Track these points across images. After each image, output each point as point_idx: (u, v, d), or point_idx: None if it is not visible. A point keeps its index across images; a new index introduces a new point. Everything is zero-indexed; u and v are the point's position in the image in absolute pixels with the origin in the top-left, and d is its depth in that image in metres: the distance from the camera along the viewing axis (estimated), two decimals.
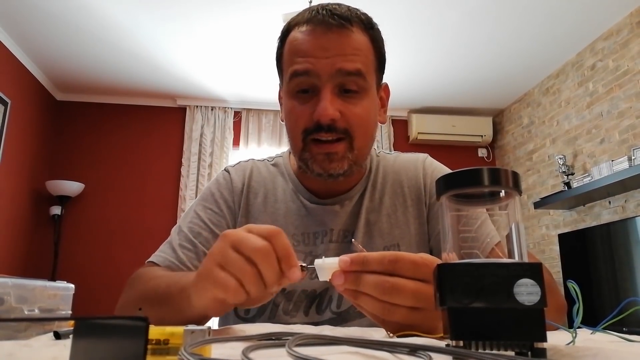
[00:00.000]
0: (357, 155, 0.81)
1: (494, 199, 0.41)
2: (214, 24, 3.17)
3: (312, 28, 0.79)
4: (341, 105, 0.78)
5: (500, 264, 0.36)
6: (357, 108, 0.79)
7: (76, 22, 3.15)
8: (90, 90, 4.17)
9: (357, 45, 0.79)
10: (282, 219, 0.88)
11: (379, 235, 0.86)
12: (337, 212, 0.88)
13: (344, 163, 0.80)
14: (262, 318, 0.83)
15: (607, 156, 3.15)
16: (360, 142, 0.81)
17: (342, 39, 0.78)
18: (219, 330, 0.58)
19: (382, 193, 0.90)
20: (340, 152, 0.79)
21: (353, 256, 0.51)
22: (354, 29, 0.79)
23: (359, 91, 0.79)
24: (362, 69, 0.79)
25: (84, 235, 3.98)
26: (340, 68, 0.77)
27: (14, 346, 0.38)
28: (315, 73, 0.77)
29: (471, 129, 4.42)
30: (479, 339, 0.34)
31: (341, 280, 0.51)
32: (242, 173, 0.93)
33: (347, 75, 0.78)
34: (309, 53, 0.78)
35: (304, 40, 0.79)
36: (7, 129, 3.42)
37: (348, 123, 0.78)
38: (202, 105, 4.29)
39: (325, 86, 0.77)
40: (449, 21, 3.11)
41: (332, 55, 0.77)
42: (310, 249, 0.86)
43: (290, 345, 0.32)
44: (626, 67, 3.04)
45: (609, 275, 2.92)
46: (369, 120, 0.82)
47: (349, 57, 0.78)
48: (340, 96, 0.79)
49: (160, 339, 0.35)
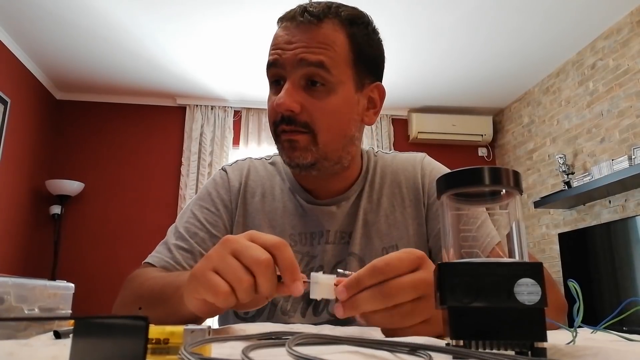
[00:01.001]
0: (323, 151, 0.79)
1: (494, 198, 0.40)
2: (214, 23, 3.17)
3: (284, 24, 0.82)
4: (303, 98, 0.78)
5: (500, 264, 0.36)
6: (322, 102, 0.78)
7: (76, 21, 3.15)
8: (90, 90, 4.16)
9: (323, 39, 0.79)
10: (279, 218, 0.88)
11: (377, 236, 0.86)
12: (334, 212, 0.87)
13: (307, 155, 0.79)
14: (261, 318, 0.83)
15: (607, 155, 3.15)
16: (325, 137, 0.79)
17: (307, 33, 0.79)
18: (219, 329, 0.58)
19: (380, 193, 0.90)
20: (300, 142, 0.78)
21: (347, 283, 0.51)
22: (324, 25, 0.79)
23: (325, 85, 0.78)
24: (325, 62, 0.77)
25: (84, 235, 3.98)
26: (302, 58, 0.77)
27: (14, 345, 0.38)
28: (281, 63, 0.79)
29: (471, 128, 4.42)
30: (479, 338, 0.34)
31: (340, 311, 0.51)
32: (239, 172, 0.93)
33: (309, 65, 0.77)
34: (278, 46, 0.80)
35: (277, 35, 0.82)
36: (7, 128, 3.41)
37: (310, 117, 0.78)
38: (202, 105, 4.29)
39: (289, 77, 0.78)
40: (449, 20, 3.11)
41: (296, 47, 0.78)
42: (307, 249, 0.86)
43: (290, 345, 0.32)
44: (626, 66, 3.04)
45: (609, 275, 2.92)
46: (335, 115, 0.80)
47: (312, 50, 0.78)
48: (305, 89, 0.79)
49: (160, 338, 0.35)
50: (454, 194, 0.40)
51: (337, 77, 0.79)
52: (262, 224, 0.87)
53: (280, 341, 0.39)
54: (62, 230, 3.95)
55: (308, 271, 0.82)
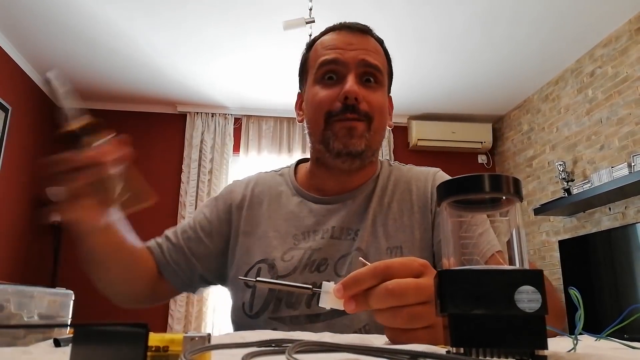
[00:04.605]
0: (372, 138, 0.89)
1: (494, 205, 0.41)
2: (214, 30, 3.18)
3: (340, 31, 0.93)
4: (363, 91, 0.88)
5: (501, 271, 0.36)
6: (377, 95, 0.90)
7: (77, 28, 3.16)
8: (91, 97, 4.17)
9: (376, 47, 0.93)
10: (283, 222, 0.92)
11: (383, 237, 0.89)
12: (339, 209, 0.92)
13: (362, 141, 0.87)
14: (267, 312, 0.84)
15: (607, 162, 3.15)
16: (377, 125, 0.89)
17: (364, 39, 0.92)
18: (219, 337, 0.58)
19: (391, 198, 0.94)
20: (359, 128, 0.87)
21: (345, 281, 0.52)
22: (370, 38, 0.94)
23: (377, 83, 0.91)
24: (379, 65, 0.91)
25: None
26: (363, 59, 0.89)
27: (14, 353, 0.38)
28: (342, 62, 0.88)
29: (471, 135, 4.43)
30: (480, 345, 0.34)
31: (352, 305, 0.52)
32: (245, 185, 1.00)
33: (368, 66, 0.89)
34: (338, 46, 0.90)
35: (332, 39, 0.93)
36: (8, 136, 3.42)
37: (369, 106, 0.88)
38: (203, 112, 4.30)
39: (351, 73, 0.88)
40: (449, 28, 3.13)
41: (357, 48, 0.90)
42: (310, 244, 0.88)
43: (291, 352, 0.32)
44: (625, 74, 3.05)
45: (610, 282, 2.91)
46: (384, 109, 0.92)
47: (370, 53, 0.90)
48: (362, 84, 0.89)
49: (160, 345, 0.35)
50: (455, 201, 0.40)
51: (383, 80, 0.92)
52: (267, 229, 0.92)
53: (280, 349, 0.39)
54: (62, 238, 3.94)
55: (311, 264, 0.86)
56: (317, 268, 0.86)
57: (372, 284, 0.51)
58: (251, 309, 0.86)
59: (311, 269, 0.85)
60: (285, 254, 0.88)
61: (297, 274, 0.85)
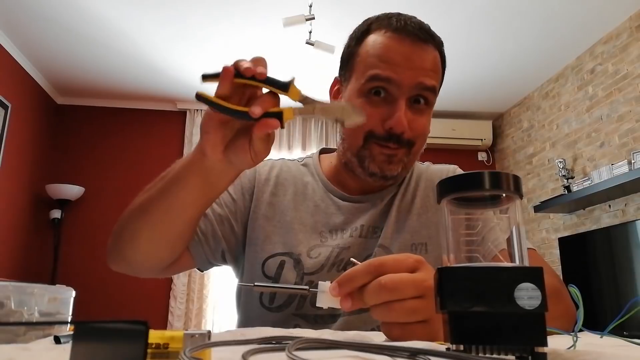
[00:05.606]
0: (411, 160, 0.86)
1: (495, 202, 0.41)
2: (214, 27, 3.18)
3: (399, 37, 0.82)
4: (410, 116, 0.81)
5: (500, 268, 0.36)
6: (423, 119, 0.84)
7: (76, 26, 3.16)
8: (91, 94, 4.17)
9: (436, 62, 0.84)
10: (310, 217, 0.90)
11: (408, 232, 0.88)
12: (368, 209, 0.90)
13: (399, 166, 0.84)
14: (290, 308, 0.83)
15: (607, 160, 3.15)
16: (417, 148, 0.86)
17: (425, 54, 0.82)
18: (219, 334, 0.58)
19: (413, 195, 0.93)
20: (399, 155, 0.83)
21: (340, 279, 0.52)
22: (431, 47, 0.84)
23: (427, 105, 0.84)
24: (436, 87, 0.84)
25: (84, 239, 3.98)
26: (420, 82, 0.81)
27: (14, 350, 0.38)
28: (396, 82, 0.80)
29: (471, 132, 4.43)
30: (480, 343, 0.34)
31: (348, 303, 0.52)
32: (269, 167, 0.96)
33: (423, 89, 0.81)
34: (394, 60, 0.81)
35: (391, 47, 0.82)
36: (8, 133, 3.42)
37: (413, 134, 0.82)
38: (203, 109, 4.29)
39: (402, 97, 0.80)
40: (449, 25, 3.12)
41: (415, 67, 0.81)
42: (337, 242, 0.87)
43: (291, 350, 0.32)
44: (625, 71, 3.05)
45: (610, 279, 2.91)
46: (427, 131, 0.87)
47: (429, 73, 0.82)
48: (410, 107, 0.82)
49: (160, 343, 0.35)
50: (455, 199, 0.40)
51: (433, 100, 0.85)
52: (293, 221, 0.89)
53: (280, 346, 0.39)
54: (62, 235, 3.95)
55: (339, 262, 0.84)
56: (344, 267, 0.84)
57: (367, 280, 0.51)
58: (272, 302, 0.84)
59: (338, 268, 0.84)
60: (312, 250, 0.86)
61: (325, 272, 0.83)
